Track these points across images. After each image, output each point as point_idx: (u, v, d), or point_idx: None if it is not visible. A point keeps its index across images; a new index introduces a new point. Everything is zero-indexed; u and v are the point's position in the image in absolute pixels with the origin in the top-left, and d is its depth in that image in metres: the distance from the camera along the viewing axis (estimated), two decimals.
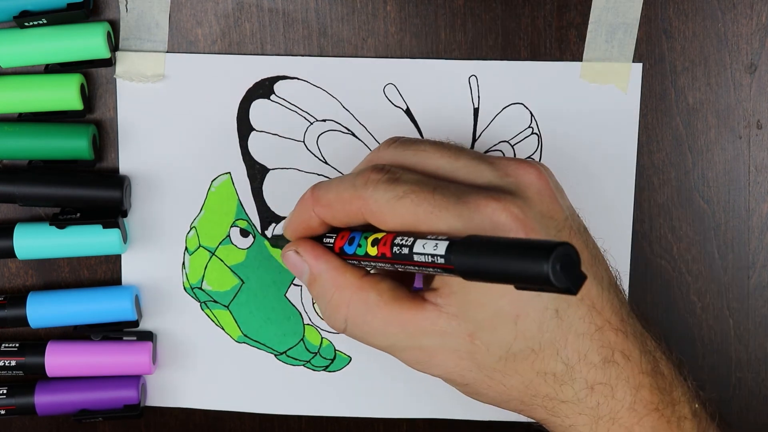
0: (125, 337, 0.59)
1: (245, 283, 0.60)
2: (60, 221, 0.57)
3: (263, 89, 0.58)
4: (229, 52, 0.58)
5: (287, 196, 0.59)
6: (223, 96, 0.58)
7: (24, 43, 0.55)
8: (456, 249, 0.43)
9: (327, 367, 0.61)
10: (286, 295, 0.60)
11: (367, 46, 0.58)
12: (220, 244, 0.60)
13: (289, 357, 0.61)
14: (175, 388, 0.61)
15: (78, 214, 0.57)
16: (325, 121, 0.59)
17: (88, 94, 0.58)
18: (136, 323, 0.59)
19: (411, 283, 0.53)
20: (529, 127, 0.58)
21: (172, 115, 0.58)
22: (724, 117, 0.58)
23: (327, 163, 0.59)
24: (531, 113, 0.58)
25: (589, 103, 0.58)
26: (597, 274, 0.49)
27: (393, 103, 0.58)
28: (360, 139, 0.59)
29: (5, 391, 0.59)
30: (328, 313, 0.51)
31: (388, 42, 0.58)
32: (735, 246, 0.59)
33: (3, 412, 0.59)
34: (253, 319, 0.60)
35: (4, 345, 0.59)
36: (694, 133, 0.59)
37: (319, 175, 0.59)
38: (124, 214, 0.58)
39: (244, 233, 0.60)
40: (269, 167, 0.59)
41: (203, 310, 0.60)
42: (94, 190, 0.57)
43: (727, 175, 0.59)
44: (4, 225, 0.58)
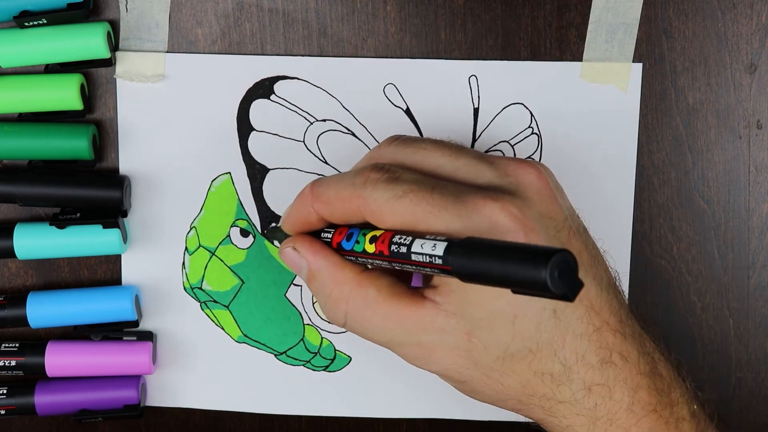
0: (125, 337, 0.59)
1: (245, 283, 0.60)
2: (60, 221, 0.57)
3: (263, 89, 0.58)
4: (229, 52, 0.58)
5: (287, 196, 0.59)
6: (223, 96, 0.58)
7: (24, 43, 0.55)
8: (454, 250, 0.43)
9: (327, 367, 0.61)
10: (286, 295, 0.60)
11: (367, 46, 0.58)
12: (220, 244, 0.60)
13: (289, 357, 0.61)
14: (175, 388, 0.61)
15: (78, 214, 0.57)
16: (325, 121, 0.59)
17: (88, 94, 0.58)
18: (136, 323, 0.59)
19: (410, 280, 0.53)
20: (529, 127, 0.58)
21: (172, 115, 0.58)
22: (724, 117, 0.58)
23: (327, 163, 0.59)
24: (531, 113, 0.58)
25: (589, 103, 0.58)
26: (596, 274, 0.48)
27: (393, 103, 0.58)
28: (360, 139, 0.59)
29: (5, 391, 0.59)
30: (327, 309, 0.51)
31: (388, 42, 0.58)
32: (735, 246, 0.59)
33: (3, 412, 0.59)
34: (253, 319, 0.60)
35: (4, 345, 0.59)
36: (694, 133, 0.59)
37: (319, 174, 0.59)
38: (124, 214, 0.58)
39: (244, 233, 0.60)
40: (269, 167, 0.59)
41: (203, 310, 0.60)
42: (94, 190, 0.57)
43: (727, 175, 0.59)
44: (4, 225, 0.58)
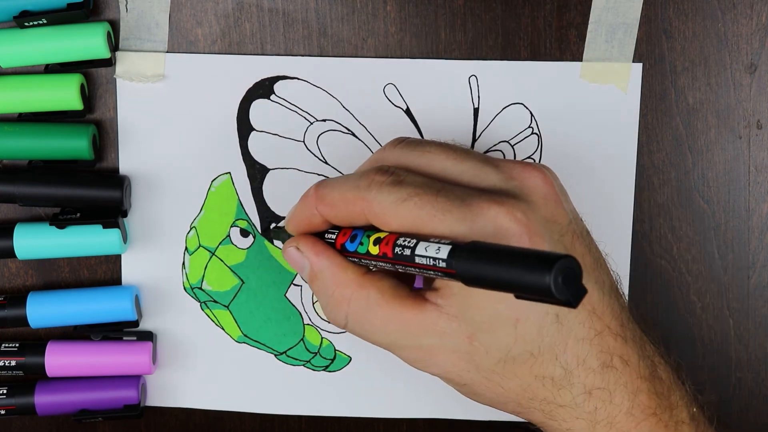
0: (125, 337, 0.59)
1: (245, 283, 0.60)
2: (60, 221, 0.56)
3: (263, 89, 0.58)
4: (229, 52, 0.58)
5: (287, 196, 0.59)
6: (223, 96, 0.58)
7: (24, 43, 0.55)
8: (458, 254, 0.43)
9: (327, 367, 0.61)
10: (286, 295, 0.60)
11: (367, 46, 0.58)
12: (220, 244, 0.60)
13: (289, 357, 0.61)
14: (175, 388, 0.61)
15: (78, 214, 0.57)
16: (325, 121, 0.59)
17: (88, 94, 0.58)
18: (136, 323, 0.59)
19: (412, 282, 0.53)
20: (529, 127, 0.58)
21: (172, 115, 0.58)
22: (724, 117, 0.58)
23: (327, 163, 0.59)
24: (531, 113, 0.58)
25: (589, 103, 0.58)
26: (598, 278, 0.48)
27: (393, 103, 0.58)
28: (360, 139, 0.59)
29: (5, 391, 0.59)
30: (329, 310, 0.51)
31: (388, 42, 0.58)
32: (735, 246, 0.59)
33: (3, 412, 0.59)
34: (253, 319, 0.60)
35: (4, 345, 0.59)
36: (694, 133, 0.59)
37: (319, 175, 0.59)
38: (124, 214, 0.58)
39: (244, 233, 0.60)
40: (269, 167, 0.59)
41: (203, 310, 0.60)
42: (94, 190, 0.57)
43: (727, 175, 0.59)
44: (4, 225, 0.58)
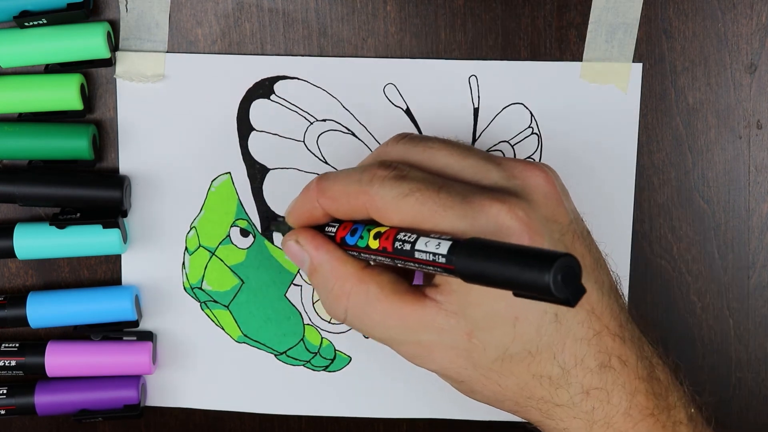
0: (125, 337, 0.59)
1: (245, 283, 0.60)
2: (60, 221, 0.56)
3: (263, 89, 0.58)
4: (229, 52, 0.58)
5: (287, 196, 0.59)
6: (223, 96, 0.58)
7: (24, 43, 0.55)
8: (458, 250, 0.43)
9: (327, 367, 0.61)
10: (286, 295, 0.60)
11: (367, 46, 0.58)
12: (220, 244, 0.60)
13: (289, 357, 0.61)
14: (175, 388, 0.61)
15: (78, 214, 0.57)
16: (325, 121, 0.59)
17: (88, 94, 0.58)
18: (136, 323, 0.59)
19: (411, 278, 0.53)
20: (529, 127, 0.58)
21: (172, 115, 0.58)
22: (724, 117, 0.58)
23: (327, 162, 0.59)
24: (531, 113, 0.58)
25: (589, 103, 0.58)
26: (598, 278, 0.48)
27: (393, 103, 0.58)
28: (360, 139, 0.59)
29: (5, 391, 0.59)
30: (328, 303, 0.51)
31: (388, 42, 0.58)
32: (735, 246, 0.59)
33: (3, 412, 0.59)
34: (253, 319, 0.60)
35: (4, 345, 0.59)
36: (694, 133, 0.59)
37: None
38: (124, 214, 0.58)
39: (244, 233, 0.60)
40: (269, 167, 0.59)
41: (203, 310, 0.60)
42: (94, 190, 0.57)
43: (727, 175, 0.59)
44: (4, 225, 0.58)
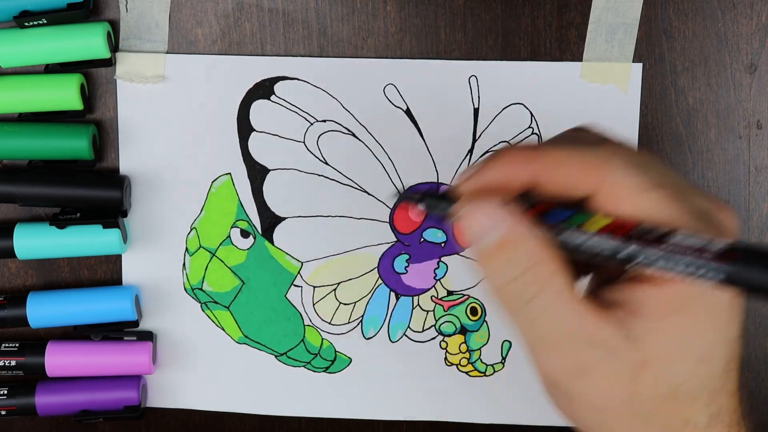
0: (125, 337, 0.59)
1: (245, 284, 0.60)
2: (60, 221, 0.57)
3: (263, 90, 0.58)
4: (229, 52, 0.58)
5: (288, 197, 0.59)
6: (224, 96, 0.58)
7: (24, 43, 0.55)
8: (740, 252, 0.37)
9: (327, 368, 0.61)
10: (287, 296, 0.60)
11: (367, 46, 0.58)
12: (220, 245, 0.60)
13: (289, 358, 0.61)
14: (175, 389, 0.61)
15: (78, 214, 0.57)
16: (325, 121, 0.59)
17: (88, 94, 0.58)
18: (136, 323, 0.59)
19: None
20: (529, 127, 0.58)
21: (172, 115, 0.58)
22: (724, 117, 0.58)
23: (327, 163, 0.59)
24: (531, 113, 0.58)
25: (589, 103, 0.58)
26: None
27: (393, 103, 0.58)
28: (360, 140, 0.59)
29: (6, 392, 0.59)
30: (510, 288, 0.42)
31: (388, 42, 0.58)
32: None
33: (3, 413, 0.59)
34: (254, 320, 0.60)
35: (4, 345, 0.59)
36: (694, 133, 0.58)
37: (319, 175, 0.59)
38: (124, 214, 0.58)
39: (245, 234, 0.60)
40: (270, 168, 0.59)
41: (204, 311, 0.60)
42: (94, 190, 0.57)
43: (727, 175, 0.59)
44: (4, 225, 0.58)
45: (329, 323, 0.60)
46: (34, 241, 0.57)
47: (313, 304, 0.60)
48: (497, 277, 0.43)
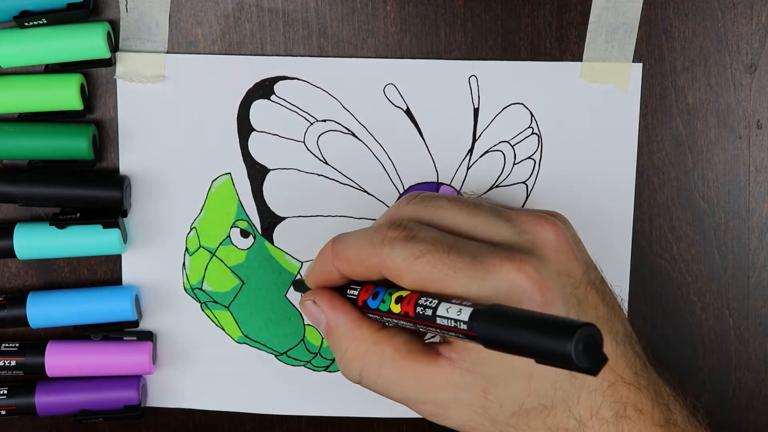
0: (125, 337, 0.59)
1: (245, 284, 0.60)
2: (60, 221, 0.57)
3: (263, 89, 0.58)
4: (229, 52, 0.58)
5: (288, 197, 0.59)
6: (223, 96, 0.58)
7: (24, 43, 0.55)
8: (480, 317, 0.43)
9: (327, 367, 0.61)
10: (287, 295, 0.60)
11: (367, 46, 0.58)
12: (220, 245, 0.60)
13: (289, 357, 0.61)
14: (175, 389, 0.61)
15: (78, 214, 0.57)
16: (325, 121, 0.59)
17: (88, 94, 0.58)
18: (136, 323, 0.59)
19: (425, 335, 0.53)
20: (529, 127, 0.58)
21: (172, 115, 0.58)
22: (724, 117, 0.58)
23: (327, 163, 0.59)
24: (531, 113, 0.58)
25: (589, 103, 0.58)
26: (612, 328, 0.48)
27: (393, 103, 0.58)
28: (360, 139, 0.59)
29: (5, 392, 0.59)
30: (343, 365, 0.51)
31: (388, 42, 0.58)
32: (735, 246, 0.59)
33: (3, 413, 0.59)
34: (254, 320, 0.60)
35: (4, 345, 0.59)
36: (694, 133, 0.58)
37: (319, 175, 0.59)
38: (124, 214, 0.58)
39: (245, 234, 0.60)
40: (270, 167, 0.59)
41: (203, 311, 0.60)
42: (94, 190, 0.57)
43: (727, 175, 0.59)
44: (4, 225, 0.58)
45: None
46: (34, 241, 0.57)
47: None
48: (335, 355, 0.52)
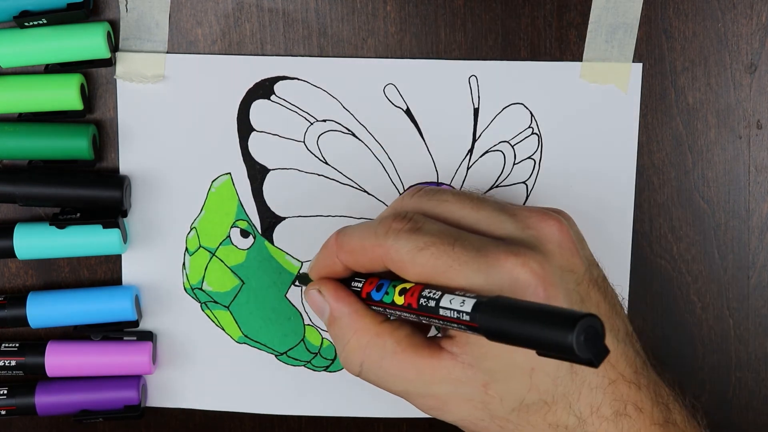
0: (125, 337, 0.59)
1: (245, 284, 0.60)
2: (60, 221, 0.57)
3: (263, 89, 0.58)
4: (229, 52, 0.58)
5: (288, 197, 0.59)
6: (223, 96, 0.58)
7: (24, 43, 0.55)
8: (482, 309, 0.43)
9: (327, 367, 0.61)
10: (287, 295, 0.60)
11: (367, 46, 0.58)
12: (220, 245, 0.60)
13: (289, 357, 0.61)
14: (175, 389, 0.61)
15: (78, 214, 0.57)
16: (325, 121, 0.59)
17: (88, 94, 0.58)
18: (136, 323, 0.59)
19: (428, 330, 0.53)
20: (529, 127, 0.58)
21: (172, 115, 0.58)
22: (724, 117, 0.58)
23: (327, 163, 0.59)
24: (531, 113, 0.58)
25: (589, 103, 0.58)
26: (614, 326, 0.49)
27: (393, 103, 0.58)
28: (360, 139, 0.59)
29: (6, 392, 0.59)
30: (344, 356, 0.51)
31: (388, 42, 0.58)
32: (735, 246, 0.59)
33: (3, 413, 0.59)
34: (254, 320, 0.60)
35: (4, 345, 0.59)
36: (694, 133, 0.58)
37: (319, 175, 0.59)
38: (124, 214, 0.58)
39: (245, 234, 0.60)
40: (270, 167, 0.59)
41: (203, 311, 0.60)
42: (94, 190, 0.57)
43: (727, 175, 0.59)
44: (4, 225, 0.58)
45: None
46: (34, 241, 0.57)
47: None
48: (336, 346, 0.52)
